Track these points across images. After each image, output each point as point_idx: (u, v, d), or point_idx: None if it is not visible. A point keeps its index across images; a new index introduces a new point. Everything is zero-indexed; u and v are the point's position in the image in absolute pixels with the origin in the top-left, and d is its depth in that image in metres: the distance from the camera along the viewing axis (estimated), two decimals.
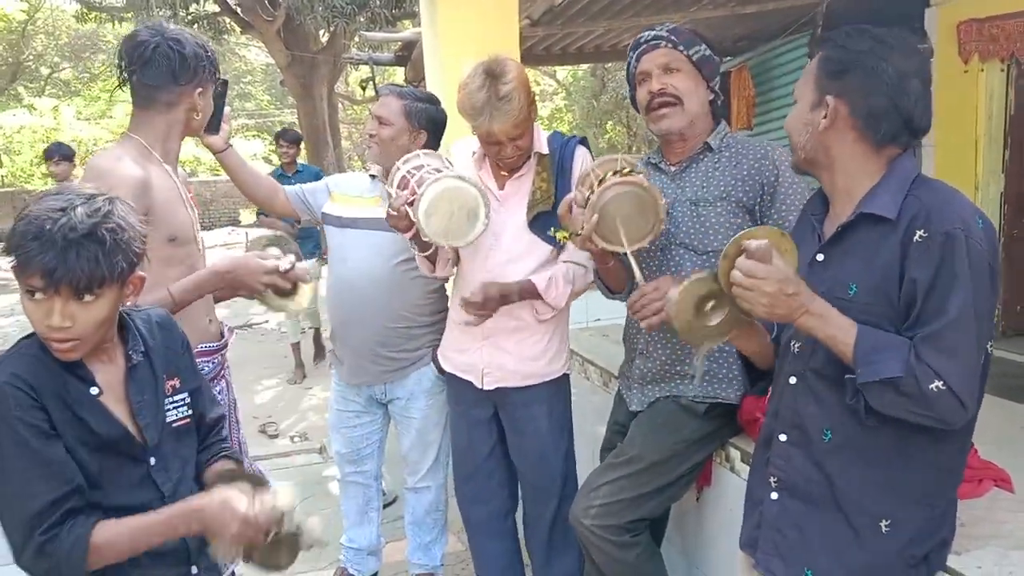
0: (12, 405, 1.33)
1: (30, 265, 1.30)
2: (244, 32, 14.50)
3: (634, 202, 1.89)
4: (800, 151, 1.55)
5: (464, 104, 2.23)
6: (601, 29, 6.81)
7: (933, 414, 1.37)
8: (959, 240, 1.35)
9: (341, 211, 2.82)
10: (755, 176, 2.06)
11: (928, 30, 5.82)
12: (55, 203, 1.33)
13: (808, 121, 1.51)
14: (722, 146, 2.15)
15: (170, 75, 1.99)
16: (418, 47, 6.57)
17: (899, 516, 1.48)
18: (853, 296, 1.46)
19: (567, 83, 20.87)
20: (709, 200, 2.09)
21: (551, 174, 2.38)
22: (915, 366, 1.34)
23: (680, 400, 2.16)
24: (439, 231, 2.19)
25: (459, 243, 2.23)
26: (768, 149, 2.10)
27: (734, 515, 2.14)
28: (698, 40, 2.13)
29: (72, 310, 1.34)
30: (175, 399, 1.58)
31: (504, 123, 2.20)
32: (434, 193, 2.15)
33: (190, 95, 2.04)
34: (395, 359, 2.80)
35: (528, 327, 2.46)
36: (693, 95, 2.11)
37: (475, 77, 2.21)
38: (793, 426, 1.59)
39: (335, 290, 2.84)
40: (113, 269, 1.35)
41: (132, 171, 1.91)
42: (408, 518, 3.08)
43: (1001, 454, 1.94)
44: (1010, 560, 1.56)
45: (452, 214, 2.17)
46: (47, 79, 26.42)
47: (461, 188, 2.18)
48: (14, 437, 1.33)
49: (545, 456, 2.55)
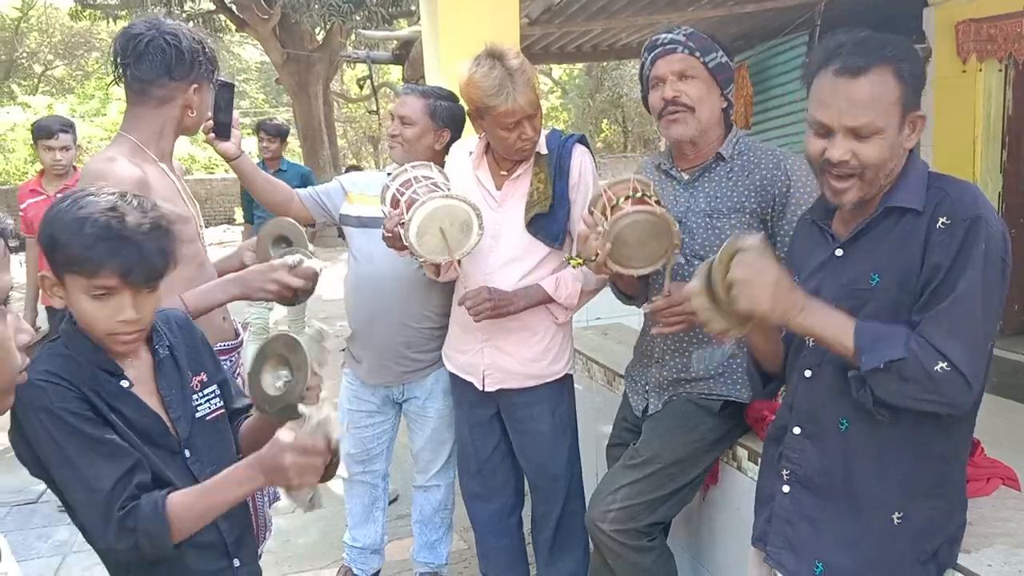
0: (54, 398, 1.36)
1: (104, 267, 1.34)
2: (240, 30, 14.48)
3: (648, 229, 1.90)
4: (885, 179, 1.47)
5: (477, 91, 2.22)
6: (599, 28, 6.81)
7: (940, 397, 1.38)
8: (980, 226, 1.37)
9: (361, 211, 2.78)
10: (767, 187, 2.06)
11: (926, 30, 5.84)
12: (95, 204, 1.35)
13: (897, 143, 1.45)
14: (735, 154, 2.13)
15: (164, 68, 1.94)
16: (416, 45, 6.58)
17: (910, 508, 1.49)
18: (875, 286, 1.48)
19: (563, 82, 20.89)
20: (723, 212, 2.09)
21: (549, 175, 2.37)
22: (917, 349, 1.36)
23: (694, 398, 2.16)
24: (433, 249, 2.18)
25: (455, 256, 2.22)
26: (781, 158, 2.09)
27: (741, 513, 2.16)
28: (715, 47, 2.10)
29: (140, 302, 1.40)
30: (205, 393, 1.60)
31: (528, 93, 2.23)
32: (423, 216, 2.13)
33: (185, 90, 2.00)
34: (418, 359, 2.78)
35: (528, 328, 2.45)
36: (706, 104, 2.09)
37: (480, 64, 2.22)
38: (808, 419, 1.60)
39: (358, 290, 2.81)
40: (174, 255, 1.43)
41: (129, 171, 1.87)
42: (415, 516, 3.08)
43: (1001, 452, 1.95)
44: (1019, 558, 1.56)
45: (444, 231, 2.16)
46: (41, 77, 26.33)
47: (450, 206, 2.16)
48: (65, 427, 1.36)
49: (548, 456, 2.55)
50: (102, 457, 1.37)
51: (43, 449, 1.37)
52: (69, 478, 1.37)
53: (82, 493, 1.37)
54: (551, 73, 22.34)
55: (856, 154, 1.43)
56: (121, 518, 1.35)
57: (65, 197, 1.41)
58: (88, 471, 1.36)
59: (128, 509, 1.35)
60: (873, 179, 1.46)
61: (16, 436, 1.40)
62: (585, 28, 6.69)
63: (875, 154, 1.43)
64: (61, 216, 1.36)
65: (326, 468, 1.41)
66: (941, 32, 5.75)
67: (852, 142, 1.43)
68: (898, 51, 1.43)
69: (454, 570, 3.23)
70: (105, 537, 1.36)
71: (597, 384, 3.12)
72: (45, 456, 1.38)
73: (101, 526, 1.36)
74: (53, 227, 1.36)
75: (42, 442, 1.37)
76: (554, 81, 23.36)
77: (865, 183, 1.46)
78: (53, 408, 1.36)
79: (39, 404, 1.36)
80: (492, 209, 2.40)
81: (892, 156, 1.44)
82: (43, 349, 1.45)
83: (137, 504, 1.36)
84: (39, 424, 1.36)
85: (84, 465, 1.36)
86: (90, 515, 1.37)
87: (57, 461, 1.37)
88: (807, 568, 1.58)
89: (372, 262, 2.75)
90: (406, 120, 2.69)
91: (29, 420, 1.37)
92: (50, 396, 1.37)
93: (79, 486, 1.37)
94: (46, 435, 1.36)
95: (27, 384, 1.31)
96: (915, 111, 1.45)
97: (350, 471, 3.05)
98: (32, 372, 1.34)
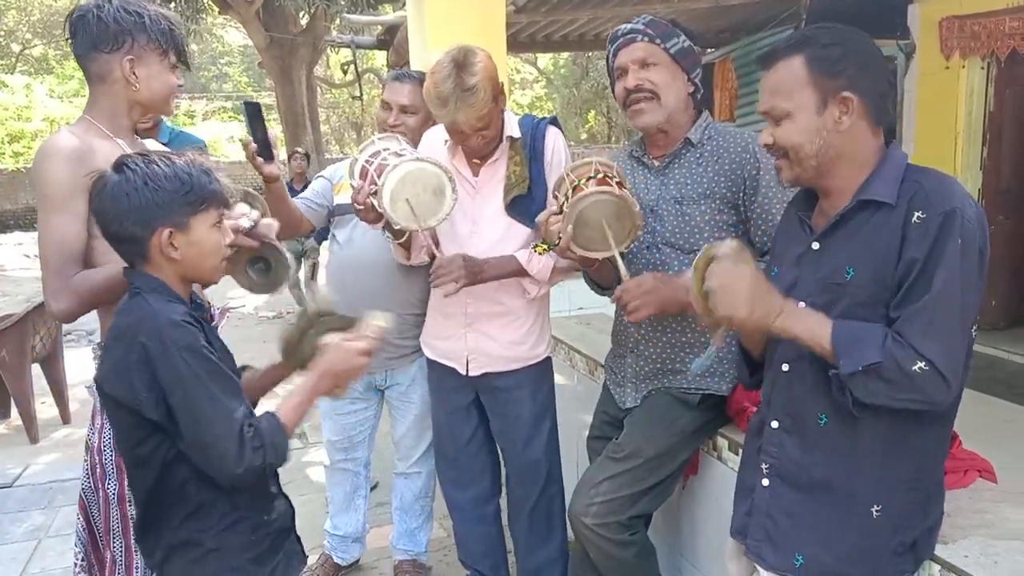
0: (196, 338, 1.50)
1: (216, 197, 1.59)
2: (223, 12, 14.29)
3: (610, 209, 1.89)
4: (812, 160, 1.50)
5: (430, 93, 2.21)
6: (585, 18, 6.79)
7: (919, 396, 1.39)
8: (954, 219, 1.38)
9: (344, 198, 2.73)
10: (736, 171, 2.06)
11: (911, 26, 5.88)
12: (159, 165, 1.55)
13: (819, 127, 1.48)
14: (704, 139, 2.13)
15: (91, 43, 1.89)
16: (401, 31, 6.52)
17: (889, 501, 1.51)
18: (849, 280, 1.48)
19: (548, 71, 20.84)
20: (693, 198, 2.09)
21: (524, 157, 2.37)
22: (894, 349, 1.37)
23: (674, 392, 2.17)
24: (408, 216, 2.15)
25: (431, 223, 2.19)
26: (749, 141, 2.09)
27: (720, 503, 2.17)
28: (676, 32, 2.10)
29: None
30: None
31: (468, 115, 2.19)
32: (395, 180, 2.11)
33: (118, 63, 1.91)
34: (402, 346, 2.78)
35: (511, 312, 2.46)
36: (670, 89, 2.08)
37: (442, 67, 2.18)
38: (786, 413, 1.61)
39: (343, 276, 2.79)
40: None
41: (65, 140, 1.85)
42: (396, 503, 3.07)
43: (978, 446, 1.96)
44: (995, 549, 1.58)
45: (418, 195, 2.13)
46: (19, 56, 25.92)
47: (422, 168, 2.14)
48: (208, 365, 1.49)
49: (529, 440, 2.55)
50: (233, 393, 1.52)
51: (185, 387, 1.46)
52: (209, 413, 1.47)
53: (223, 425, 1.47)
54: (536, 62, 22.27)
55: (775, 137, 1.53)
56: (251, 439, 1.48)
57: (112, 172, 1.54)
58: (229, 403, 1.49)
59: (254, 432, 1.50)
60: (799, 160, 1.51)
61: (132, 379, 1.47)
62: (571, 17, 6.66)
63: (788, 136, 1.50)
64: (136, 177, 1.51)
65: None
66: (925, 28, 5.79)
67: (772, 127, 1.53)
68: (819, 39, 1.48)
69: (434, 558, 3.23)
70: (241, 460, 1.47)
71: (579, 373, 3.13)
72: (185, 394, 1.46)
73: (238, 451, 1.47)
74: (170, 183, 1.53)
75: (185, 380, 1.46)
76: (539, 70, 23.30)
77: (794, 164, 1.52)
78: (197, 347, 1.49)
79: (183, 343, 1.47)
80: (470, 196, 2.40)
81: (814, 138, 1.48)
82: (140, 300, 1.54)
83: (256, 426, 1.51)
84: (183, 363, 1.46)
85: (227, 398, 1.49)
86: (227, 444, 1.47)
87: (200, 396, 1.47)
88: (787, 561, 1.59)
89: (355, 250, 2.74)
90: (408, 109, 2.66)
91: (171, 359, 1.46)
92: (194, 335, 1.50)
93: (221, 419, 1.48)
94: (190, 373, 1.46)
95: (167, 324, 1.47)
96: (841, 92, 1.46)
97: (332, 458, 3.04)
98: (161, 316, 1.49)
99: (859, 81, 1.47)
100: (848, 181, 1.52)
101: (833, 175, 1.53)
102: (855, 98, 1.46)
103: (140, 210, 1.51)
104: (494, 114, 2.26)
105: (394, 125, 2.66)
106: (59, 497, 4.05)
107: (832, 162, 1.51)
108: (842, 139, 1.49)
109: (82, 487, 1.93)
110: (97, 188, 1.55)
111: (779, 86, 1.51)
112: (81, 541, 1.94)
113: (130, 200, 1.51)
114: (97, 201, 1.56)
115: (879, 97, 1.49)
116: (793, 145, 1.50)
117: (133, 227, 1.53)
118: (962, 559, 1.55)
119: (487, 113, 2.22)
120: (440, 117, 2.24)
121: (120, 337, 1.51)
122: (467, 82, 2.15)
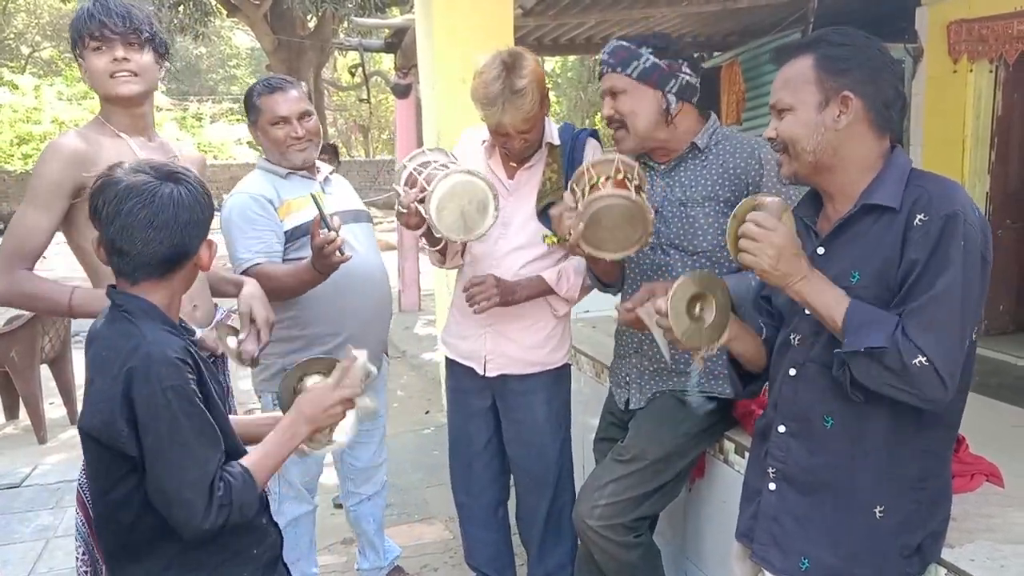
0: (185, 377, 1.39)
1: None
2: (231, 15, 14.36)
3: (623, 213, 1.89)
4: (809, 155, 1.52)
5: (478, 93, 2.23)
6: (593, 21, 6.80)
7: (914, 390, 1.40)
8: (957, 222, 1.38)
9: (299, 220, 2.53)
10: (740, 175, 2.07)
11: (919, 29, 5.86)
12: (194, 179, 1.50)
13: (819, 123, 1.50)
14: (710, 144, 2.14)
15: (71, 44, 2.03)
16: (409, 34, 6.54)
17: (892, 502, 1.51)
18: (855, 283, 1.49)
19: (555, 73, 20.83)
20: (697, 200, 2.10)
21: (561, 165, 2.39)
22: (900, 341, 1.37)
23: (679, 394, 2.17)
24: (451, 226, 2.18)
25: (470, 237, 2.23)
26: (755, 147, 2.10)
27: (726, 506, 2.17)
28: (638, 53, 2.06)
29: None
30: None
31: (515, 117, 2.21)
32: (444, 189, 2.14)
33: (83, 60, 2.01)
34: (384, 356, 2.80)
35: (531, 315, 2.47)
36: (637, 116, 2.09)
37: (492, 67, 2.20)
38: (793, 417, 1.61)
39: (345, 287, 2.50)
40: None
41: (69, 142, 1.93)
42: (370, 529, 2.92)
43: (984, 451, 1.96)
44: (1002, 553, 1.58)
45: (463, 208, 2.17)
46: (28, 58, 26.07)
47: (471, 182, 2.17)
48: (191, 409, 1.39)
49: (542, 446, 2.55)
50: (210, 440, 1.42)
51: (160, 426, 1.36)
52: (180, 459, 1.37)
53: (194, 473, 1.37)
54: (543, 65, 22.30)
55: (778, 130, 1.56)
56: (219, 498, 1.39)
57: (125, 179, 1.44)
58: (201, 453, 1.39)
59: (223, 487, 1.40)
60: (797, 153, 1.53)
61: (113, 409, 1.37)
62: (579, 21, 6.67)
63: (788, 129, 1.53)
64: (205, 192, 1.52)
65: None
66: (933, 31, 5.77)
67: (776, 120, 1.57)
68: (831, 39, 1.51)
69: (439, 560, 3.24)
70: (207, 517, 1.38)
71: (585, 376, 3.13)
72: (160, 434, 1.36)
73: (203, 507, 1.37)
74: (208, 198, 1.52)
75: (161, 420, 1.36)
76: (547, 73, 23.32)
77: (792, 158, 1.55)
78: (184, 388, 1.38)
79: (169, 382, 1.37)
80: (503, 197, 2.40)
81: (812, 133, 1.50)
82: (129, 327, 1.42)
83: (227, 482, 1.41)
84: (165, 402, 1.36)
85: (198, 446, 1.39)
86: (194, 496, 1.37)
87: (176, 441, 1.37)
88: (793, 564, 1.59)
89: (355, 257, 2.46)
90: (308, 112, 2.55)
91: (155, 396, 1.36)
92: (185, 379, 1.39)
93: (193, 467, 1.38)
94: (168, 413, 1.36)
95: (161, 360, 1.37)
96: (843, 92, 1.48)
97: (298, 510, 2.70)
98: (155, 348, 1.38)
99: (863, 83, 1.47)
100: (850, 185, 1.53)
101: (832, 175, 1.54)
102: (855, 99, 1.47)
103: (201, 224, 1.48)
104: (539, 118, 2.29)
105: (300, 137, 2.52)
106: (67, 497, 4.06)
107: (830, 160, 1.51)
108: (840, 138, 1.49)
109: (79, 483, 1.95)
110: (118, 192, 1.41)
111: (787, 81, 1.55)
112: (82, 536, 1.95)
113: (191, 213, 1.45)
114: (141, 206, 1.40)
115: (884, 103, 1.49)
116: (792, 138, 1.53)
117: (191, 240, 1.46)
118: (969, 563, 1.55)
119: (533, 116, 2.25)
120: (486, 117, 2.26)
121: (103, 368, 1.40)
122: (516, 84, 2.18)
